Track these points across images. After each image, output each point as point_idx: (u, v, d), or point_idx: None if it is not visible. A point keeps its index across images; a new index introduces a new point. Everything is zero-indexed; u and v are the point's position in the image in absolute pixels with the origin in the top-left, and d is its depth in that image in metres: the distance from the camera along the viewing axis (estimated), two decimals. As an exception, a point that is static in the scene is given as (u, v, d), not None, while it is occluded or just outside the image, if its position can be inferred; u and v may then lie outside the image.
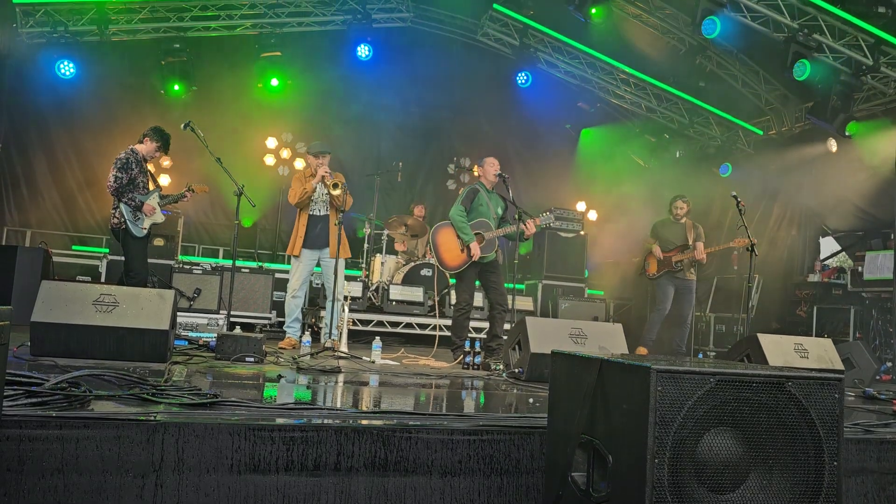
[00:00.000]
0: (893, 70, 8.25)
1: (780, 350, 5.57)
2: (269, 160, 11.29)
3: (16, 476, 2.27)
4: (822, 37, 8.17)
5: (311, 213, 6.65)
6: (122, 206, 6.19)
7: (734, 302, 10.15)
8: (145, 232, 6.38)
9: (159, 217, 6.52)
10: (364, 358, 5.85)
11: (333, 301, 6.50)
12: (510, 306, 6.35)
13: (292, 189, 6.67)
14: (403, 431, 2.69)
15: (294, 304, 6.68)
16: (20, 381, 2.67)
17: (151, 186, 6.48)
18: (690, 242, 7.61)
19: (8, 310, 2.24)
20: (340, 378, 4.56)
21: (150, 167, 6.73)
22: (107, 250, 8.87)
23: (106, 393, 2.84)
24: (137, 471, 2.38)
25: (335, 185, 6.40)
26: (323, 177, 6.48)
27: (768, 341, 5.58)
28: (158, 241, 8.58)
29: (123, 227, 6.20)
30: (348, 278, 8.86)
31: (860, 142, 8.93)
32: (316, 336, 7.51)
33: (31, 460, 2.29)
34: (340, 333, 6.26)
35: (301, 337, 6.33)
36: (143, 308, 4.50)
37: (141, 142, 6.43)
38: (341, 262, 6.63)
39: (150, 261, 7.08)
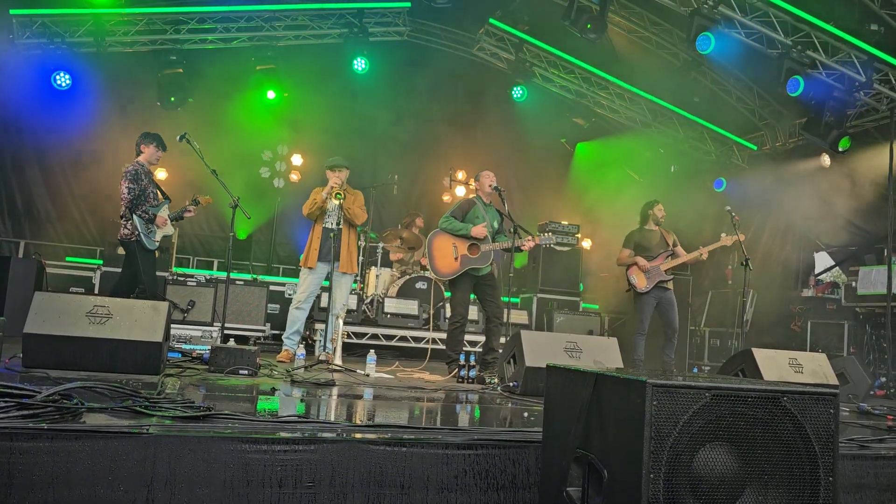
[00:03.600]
0: (886, 86, 8.32)
1: (774, 365, 5.58)
2: (265, 172, 11.30)
3: (4, 490, 2.24)
4: (815, 53, 8.24)
5: (324, 225, 6.64)
6: (135, 218, 6.15)
7: (729, 316, 10.18)
8: (157, 244, 6.39)
9: (170, 229, 6.55)
10: (358, 371, 5.83)
11: (330, 314, 6.47)
12: (507, 319, 6.34)
13: (308, 200, 6.67)
14: (398, 445, 2.67)
15: (298, 314, 6.58)
16: (11, 392, 2.65)
17: (160, 198, 6.50)
18: (670, 247, 7.33)
19: (1, 321, 2.24)
20: (335, 391, 4.54)
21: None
22: (100, 262, 8.84)
23: (98, 405, 2.82)
24: (129, 485, 2.36)
25: (337, 195, 6.39)
26: (332, 188, 6.48)
27: (763, 356, 5.58)
28: (153, 252, 8.55)
29: (135, 238, 6.17)
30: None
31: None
32: (310, 348, 7.48)
33: (20, 474, 2.26)
34: (335, 346, 6.23)
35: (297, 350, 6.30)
36: (137, 320, 4.48)
37: (140, 152, 6.38)
38: (349, 278, 6.62)
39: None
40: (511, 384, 5.13)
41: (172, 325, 6.22)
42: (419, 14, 10.95)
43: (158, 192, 6.52)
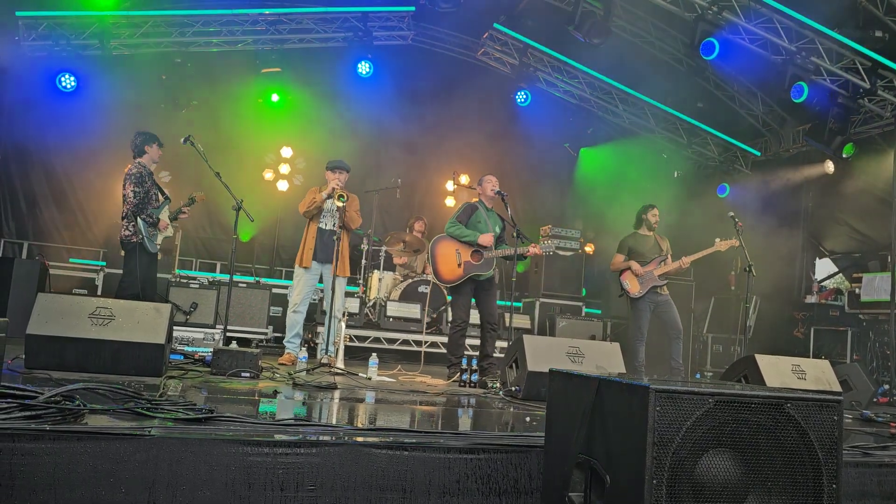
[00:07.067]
0: (890, 93, 8.31)
1: (777, 371, 5.56)
2: (268, 175, 11.32)
3: (6, 491, 2.24)
4: (819, 60, 8.22)
5: (319, 225, 6.65)
6: (139, 221, 6.20)
7: (731, 322, 10.15)
8: (159, 247, 6.45)
9: (170, 230, 6.62)
10: (360, 374, 5.82)
11: (331, 317, 6.47)
12: (509, 324, 6.34)
13: (304, 198, 6.68)
14: (400, 449, 2.67)
15: (295, 318, 6.61)
16: (14, 394, 2.65)
17: (160, 198, 6.53)
18: (664, 252, 7.28)
19: (4, 322, 2.24)
20: (336, 394, 4.54)
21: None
22: (104, 263, 8.85)
23: (100, 407, 2.82)
24: (130, 486, 2.36)
25: (340, 197, 6.40)
26: (334, 189, 6.49)
27: (766, 362, 5.57)
28: (156, 255, 8.57)
29: (138, 241, 6.19)
30: (346, 294, 8.85)
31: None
32: (312, 352, 7.47)
33: (22, 475, 2.26)
34: (337, 349, 6.23)
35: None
36: (139, 322, 4.48)
37: (143, 152, 6.40)
38: (342, 280, 6.62)
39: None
40: (513, 388, 5.13)
41: (175, 327, 6.23)
42: (424, 18, 10.97)
43: (159, 192, 6.56)
